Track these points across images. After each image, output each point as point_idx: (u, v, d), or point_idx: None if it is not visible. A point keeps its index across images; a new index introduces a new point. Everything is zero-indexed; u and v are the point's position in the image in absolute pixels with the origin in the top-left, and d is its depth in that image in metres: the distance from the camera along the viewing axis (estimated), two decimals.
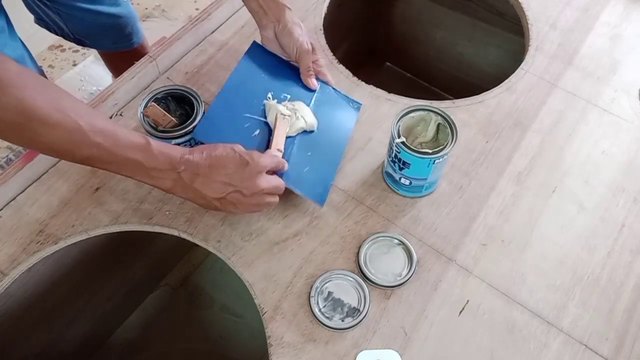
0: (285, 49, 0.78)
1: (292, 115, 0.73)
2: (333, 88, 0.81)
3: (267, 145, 0.70)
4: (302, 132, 0.74)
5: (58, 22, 1.06)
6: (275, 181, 0.65)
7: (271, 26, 0.77)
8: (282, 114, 0.72)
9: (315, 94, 0.79)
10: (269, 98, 0.75)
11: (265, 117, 0.73)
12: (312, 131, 0.75)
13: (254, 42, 0.81)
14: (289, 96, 0.76)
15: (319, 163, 0.73)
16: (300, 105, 0.75)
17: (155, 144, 0.60)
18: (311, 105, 0.77)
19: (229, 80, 0.75)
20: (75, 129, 0.55)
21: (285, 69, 0.80)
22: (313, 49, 0.78)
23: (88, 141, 0.56)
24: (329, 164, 0.74)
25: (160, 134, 0.69)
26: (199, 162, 0.61)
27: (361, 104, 0.81)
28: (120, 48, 1.16)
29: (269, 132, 0.72)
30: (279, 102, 0.75)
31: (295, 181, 0.69)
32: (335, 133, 0.77)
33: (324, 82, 0.81)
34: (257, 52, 0.80)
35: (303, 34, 0.77)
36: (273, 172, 0.67)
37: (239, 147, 0.63)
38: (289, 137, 0.73)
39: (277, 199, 0.67)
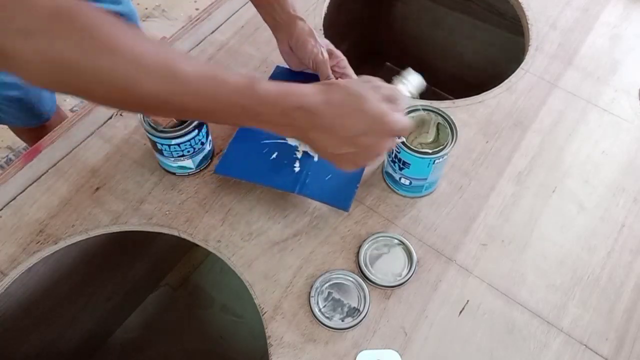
0: (303, 61, 0.76)
1: None
2: None
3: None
4: None
5: None
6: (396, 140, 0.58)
7: (285, 40, 0.76)
8: None
9: None
10: None
11: (284, 139, 0.75)
12: None
13: (277, 67, 0.83)
14: None
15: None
16: None
17: (263, 85, 0.50)
18: None
19: None
20: (174, 70, 0.46)
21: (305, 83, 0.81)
22: (331, 53, 0.76)
23: (187, 84, 0.47)
24: None
25: (160, 134, 0.69)
26: (317, 113, 0.52)
27: None
28: None
29: (288, 152, 0.73)
30: None
31: (316, 191, 0.70)
32: None
33: None
34: (278, 76, 0.82)
35: (317, 44, 0.74)
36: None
37: (374, 98, 0.53)
38: (311, 156, 0.73)
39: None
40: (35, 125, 1.09)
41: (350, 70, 0.79)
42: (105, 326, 1.08)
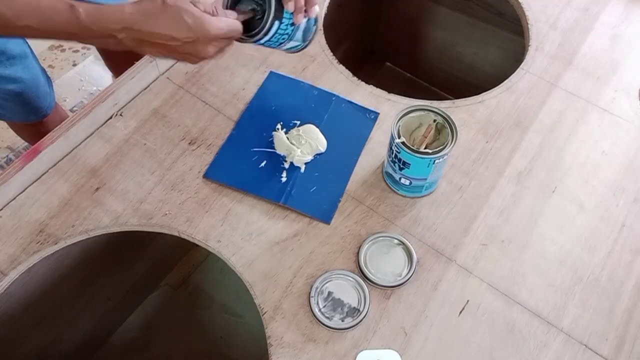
0: None
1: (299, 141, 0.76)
2: (349, 101, 0.81)
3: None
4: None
5: None
6: (227, 44, 0.63)
7: None
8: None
9: (328, 111, 0.80)
10: (278, 129, 0.77)
11: (274, 148, 0.76)
12: (320, 153, 0.76)
13: (271, 73, 0.84)
14: (298, 122, 0.78)
15: (326, 181, 0.74)
16: (308, 129, 0.77)
17: (86, 13, 0.56)
18: (323, 124, 0.78)
19: (241, 119, 0.79)
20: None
21: (297, 93, 0.82)
22: None
23: (15, 26, 0.54)
24: (337, 181, 0.74)
25: (245, 39, 0.66)
26: (141, 30, 0.57)
27: (378, 114, 0.80)
28: None
29: (276, 161, 0.75)
30: (288, 130, 0.78)
31: (300, 203, 0.71)
32: (347, 149, 0.77)
33: (339, 97, 0.81)
34: (272, 83, 0.83)
35: None
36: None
37: (190, 11, 0.58)
38: (297, 167, 0.74)
39: (225, 48, 0.64)
40: (33, 121, 1.09)
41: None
42: (105, 326, 1.08)
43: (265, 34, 0.66)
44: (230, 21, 0.62)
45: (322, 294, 0.65)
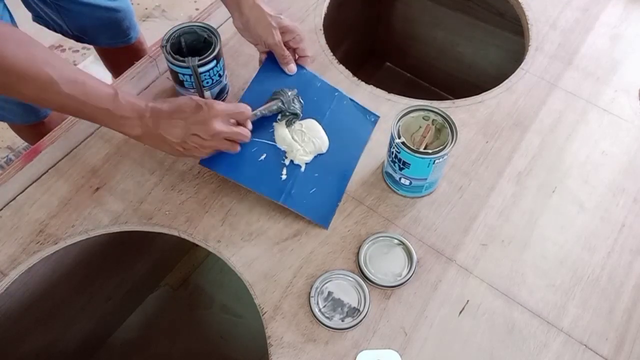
0: (256, 41, 0.76)
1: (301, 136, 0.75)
2: (351, 99, 0.80)
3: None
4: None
5: (56, 19, 1.06)
6: (236, 128, 0.68)
7: (237, 18, 0.75)
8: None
9: (330, 107, 0.78)
10: (279, 119, 0.74)
11: (274, 141, 0.73)
12: (321, 153, 0.75)
13: (268, 56, 0.79)
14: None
15: (326, 184, 0.73)
16: (311, 126, 0.75)
17: (123, 93, 0.64)
18: (325, 120, 0.76)
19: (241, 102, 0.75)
20: (48, 81, 0.59)
21: (299, 78, 0.78)
22: (285, 31, 0.75)
23: (60, 92, 0.60)
24: (337, 184, 0.73)
25: (181, 64, 0.73)
26: (161, 109, 0.65)
27: (379, 117, 0.80)
28: (119, 44, 1.15)
29: (276, 156, 0.72)
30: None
31: (300, 204, 0.70)
32: (347, 151, 0.76)
33: (342, 92, 0.80)
34: (271, 67, 0.79)
35: (268, 25, 0.73)
36: (237, 122, 0.69)
37: (197, 97, 0.67)
38: (297, 165, 0.73)
39: (237, 146, 0.69)
40: (34, 122, 1.09)
41: (304, 45, 0.78)
42: (105, 326, 1.08)
43: (205, 63, 0.74)
44: (236, 105, 0.69)
45: (322, 294, 0.65)
